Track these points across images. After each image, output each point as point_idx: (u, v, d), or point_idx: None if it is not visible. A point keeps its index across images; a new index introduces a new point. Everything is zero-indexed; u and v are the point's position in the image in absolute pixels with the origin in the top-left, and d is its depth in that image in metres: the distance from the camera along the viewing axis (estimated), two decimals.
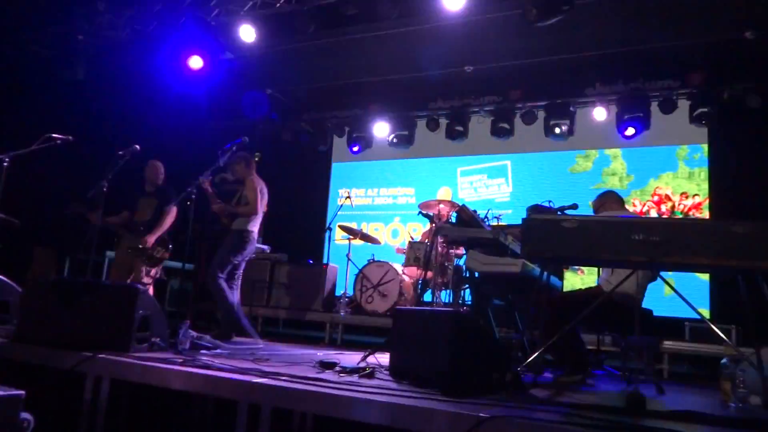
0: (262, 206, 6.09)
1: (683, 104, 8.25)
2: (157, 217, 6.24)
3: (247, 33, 7.65)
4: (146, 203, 6.36)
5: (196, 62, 7.85)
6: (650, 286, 4.34)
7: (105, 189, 5.32)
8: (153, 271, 6.31)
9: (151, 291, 6.13)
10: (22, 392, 2.77)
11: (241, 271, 6.19)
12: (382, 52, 8.60)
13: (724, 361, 3.46)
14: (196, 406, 3.49)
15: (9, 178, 5.05)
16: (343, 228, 8.07)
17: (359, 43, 8.23)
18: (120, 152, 5.50)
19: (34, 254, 8.04)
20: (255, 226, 6.09)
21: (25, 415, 2.70)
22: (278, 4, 7.45)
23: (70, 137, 5.24)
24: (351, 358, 4.57)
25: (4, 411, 2.62)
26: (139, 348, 4.00)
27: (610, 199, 4.84)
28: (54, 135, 5.17)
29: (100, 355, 3.64)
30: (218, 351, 4.61)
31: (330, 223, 8.45)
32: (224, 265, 5.89)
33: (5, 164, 5.02)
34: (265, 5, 7.55)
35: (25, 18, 8.00)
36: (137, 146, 5.57)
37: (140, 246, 6.09)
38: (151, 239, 6.14)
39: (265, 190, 6.17)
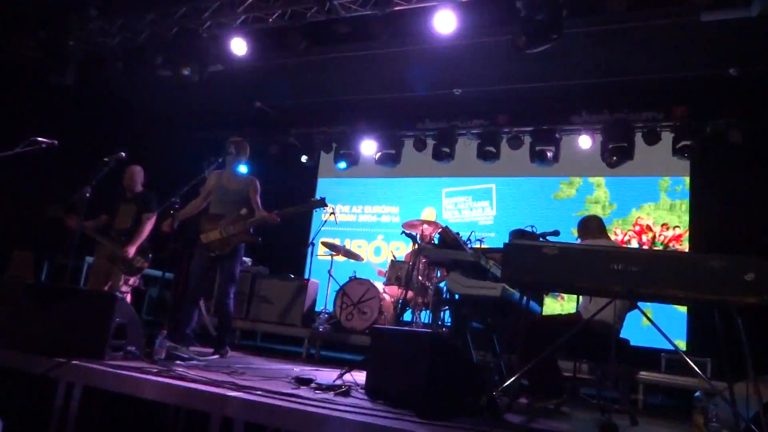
0: None
1: (666, 136, 8.36)
2: (136, 225, 6.18)
3: (239, 46, 7.67)
4: (126, 209, 6.28)
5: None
6: (628, 315, 4.37)
7: (87, 195, 5.27)
8: (131, 280, 6.24)
9: (129, 299, 6.06)
10: None
11: None
12: (372, 70, 8.66)
13: (697, 394, 3.49)
14: (168, 417, 3.46)
15: None
16: (326, 244, 8.06)
17: (350, 60, 8.27)
18: (105, 159, 5.47)
19: (12, 257, 7.95)
20: None
21: None
22: (271, 20, 7.48)
23: (55, 141, 5.20)
24: (327, 375, 4.56)
25: None
26: (113, 356, 3.96)
27: (592, 225, 4.88)
28: (39, 138, 5.14)
29: (73, 362, 3.60)
30: (193, 362, 4.58)
31: (313, 239, 8.44)
32: (237, 280, 5.72)
33: None
34: (258, 20, 7.58)
35: (18, 21, 7.97)
36: (123, 153, 5.54)
37: (120, 255, 6.03)
38: (131, 250, 6.07)
39: None
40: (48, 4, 7.87)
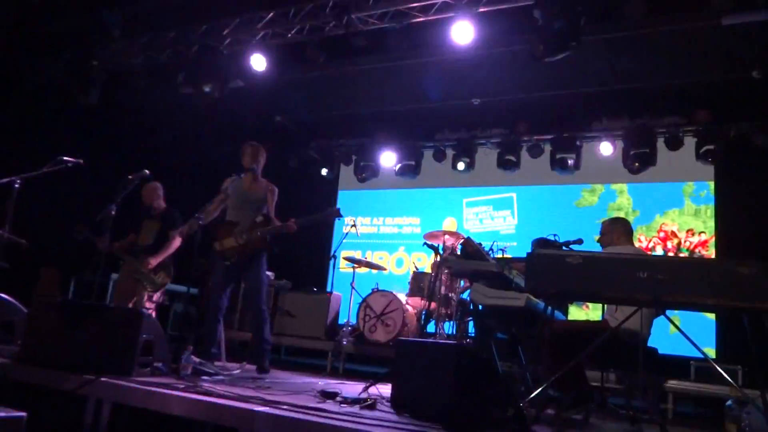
0: None
1: (689, 141, 8.28)
2: (160, 241, 6.22)
3: (258, 62, 7.75)
4: (149, 226, 6.33)
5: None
6: (656, 323, 4.31)
7: (113, 213, 5.34)
8: (155, 296, 6.29)
9: (153, 315, 6.10)
10: (24, 414, 2.77)
11: None
12: (390, 82, 8.70)
13: (729, 403, 3.43)
14: None
15: (19, 199, 5.09)
16: (348, 259, 8.06)
17: (369, 73, 8.32)
18: (129, 176, 5.54)
19: (40, 275, 8.05)
20: None
21: None
22: (289, 35, 7.55)
23: (81, 161, 5.28)
24: (353, 388, 4.55)
25: None
26: (141, 372, 3.99)
27: (618, 229, 4.80)
28: (65, 158, 5.22)
29: (102, 379, 3.64)
30: (220, 378, 4.60)
31: (335, 251, 8.45)
32: (265, 289, 5.58)
33: (17, 186, 5.06)
34: (276, 35, 7.65)
35: (43, 43, 8.13)
36: (147, 171, 5.60)
37: (142, 270, 6.08)
38: (153, 261, 6.11)
39: None
40: (72, 25, 8.02)
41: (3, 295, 4.98)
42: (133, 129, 8.73)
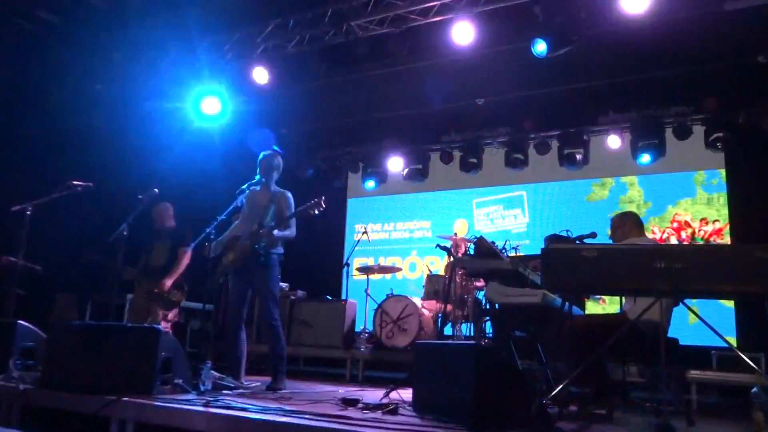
0: None
1: (698, 130, 8.22)
2: (172, 260, 6.23)
3: (260, 75, 7.79)
4: (160, 246, 6.34)
5: (211, 106, 7.96)
6: (675, 313, 4.27)
7: (125, 233, 5.36)
8: (170, 315, 6.29)
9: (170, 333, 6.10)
10: None
11: None
12: (393, 87, 8.70)
13: (754, 390, 3.38)
14: None
15: (32, 226, 5.12)
16: (361, 270, 8.06)
17: (371, 80, 8.33)
18: (139, 196, 5.55)
19: (56, 299, 8.09)
20: None
21: None
22: (290, 46, 7.58)
23: (91, 183, 5.31)
24: (373, 395, 4.54)
25: None
26: (162, 390, 4.00)
27: (629, 222, 4.78)
28: (75, 182, 5.25)
29: (123, 399, 3.64)
30: (240, 391, 4.60)
31: (347, 259, 8.45)
32: (278, 300, 5.32)
33: (28, 213, 5.09)
34: (277, 47, 7.68)
35: (46, 69, 8.20)
36: (156, 190, 5.62)
37: (156, 291, 6.08)
38: (168, 283, 6.10)
39: None
40: (72, 49, 8.08)
41: (21, 321, 5.00)
42: (140, 149, 8.76)
